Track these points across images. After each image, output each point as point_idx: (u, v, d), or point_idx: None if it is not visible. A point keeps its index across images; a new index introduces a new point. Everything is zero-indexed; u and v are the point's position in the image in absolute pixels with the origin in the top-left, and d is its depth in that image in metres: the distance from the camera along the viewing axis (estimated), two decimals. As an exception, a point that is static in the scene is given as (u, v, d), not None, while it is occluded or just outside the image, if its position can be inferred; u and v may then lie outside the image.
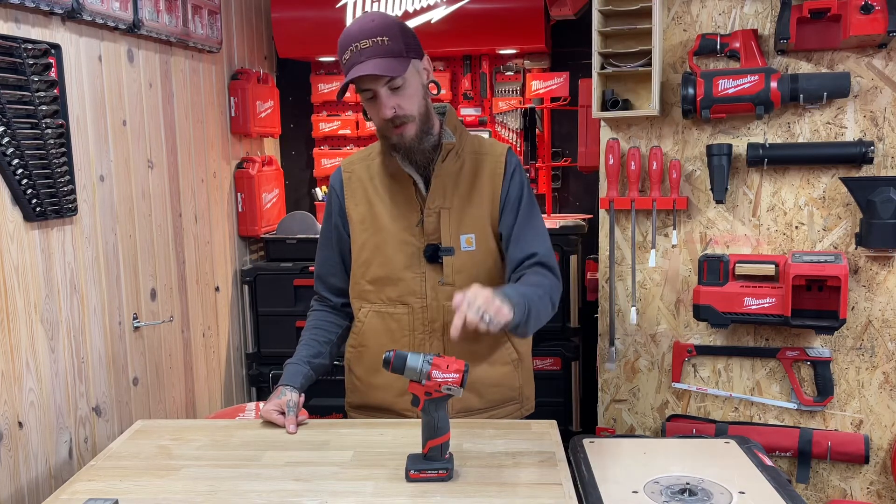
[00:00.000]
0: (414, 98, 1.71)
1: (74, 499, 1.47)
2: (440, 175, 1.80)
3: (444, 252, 1.80)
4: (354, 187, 1.87)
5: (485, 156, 1.85)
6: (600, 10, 2.47)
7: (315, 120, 3.85)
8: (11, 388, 1.92)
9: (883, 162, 2.40)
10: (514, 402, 1.93)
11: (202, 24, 2.95)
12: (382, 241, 1.83)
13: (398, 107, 1.69)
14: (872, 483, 2.52)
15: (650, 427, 2.70)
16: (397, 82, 1.68)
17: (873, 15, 2.21)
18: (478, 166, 1.83)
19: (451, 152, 1.81)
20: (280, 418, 1.77)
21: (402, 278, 1.82)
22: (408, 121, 1.72)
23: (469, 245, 1.81)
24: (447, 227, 1.80)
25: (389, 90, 1.68)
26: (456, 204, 1.81)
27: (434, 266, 1.81)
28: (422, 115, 1.74)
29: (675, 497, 1.57)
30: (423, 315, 1.82)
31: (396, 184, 1.83)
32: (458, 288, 1.78)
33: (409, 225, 1.81)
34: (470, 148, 1.85)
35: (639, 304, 2.64)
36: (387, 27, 1.67)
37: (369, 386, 1.90)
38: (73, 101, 2.18)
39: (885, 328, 2.45)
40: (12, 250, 1.93)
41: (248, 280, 3.37)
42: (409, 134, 1.73)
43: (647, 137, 2.58)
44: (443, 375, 1.47)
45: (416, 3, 3.45)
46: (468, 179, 1.82)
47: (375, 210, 1.84)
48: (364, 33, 1.66)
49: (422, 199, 1.81)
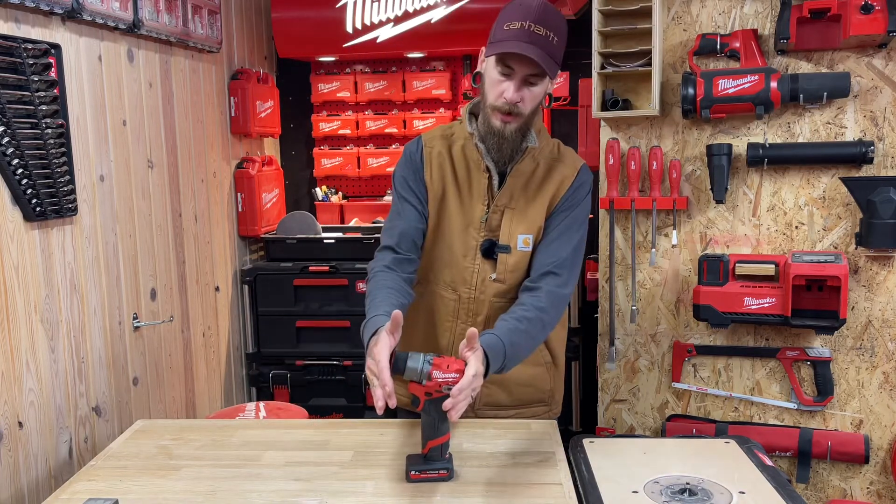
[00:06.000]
0: (536, 100, 1.72)
1: (74, 499, 1.47)
2: (515, 175, 1.80)
3: (501, 249, 1.80)
4: (434, 164, 1.84)
5: (560, 164, 1.84)
6: (600, 10, 2.47)
7: (315, 120, 3.85)
8: (11, 388, 1.92)
9: (883, 162, 2.40)
10: (543, 403, 1.94)
11: (202, 23, 2.95)
12: (447, 226, 1.82)
13: (522, 100, 1.69)
14: (872, 483, 2.52)
15: (650, 427, 2.70)
16: (536, 80, 1.68)
17: (873, 15, 2.21)
18: (550, 171, 1.83)
19: (530, 155, 1.80)
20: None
21: (458, 265, 1.81)
22: (519, 115, 1.71)
23: (526, 246, 1.80)
24: (508, 226, 1.80)
25: (527, 82, 1.68)
26: (521, 204, 1.81)
27: (488, 261, 1.81)
28: (529, 116, 1.74)
29: (675, 497, 1.57)
30: (469, 306, 1.82)
31: (472, 173, 1.82)
32: (508, 286, 1.79)
33: (475, 217, 1.81)
34: (548, 152, 1.85)
35: (639, 303, 2.64)
36: (561, 30, 1.68)
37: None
38: (73, 101, 2.18)
39: (885, 328, 2.45)
40: (12, 250, 1.93)
41: (248, 280, 3.37)
42: (512, 127, 1.72)
43: (647, 137, 2.58)
44: (443, 375, 1.47)
45: (416, 3, 3.45)
46: (538, 182, 1.82)
47: (448, 192, 1.82)
48: (543, 21, 1.64)
49: (492, 195, 1.80)
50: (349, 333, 3.38)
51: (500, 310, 1.77)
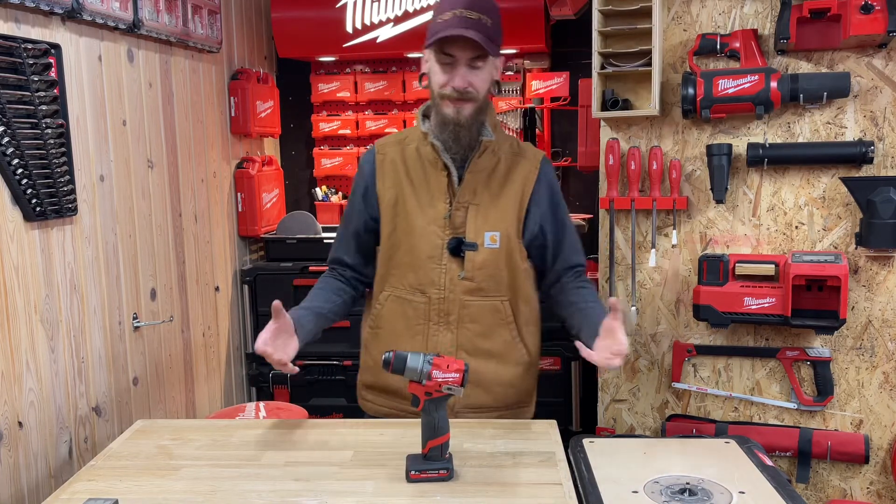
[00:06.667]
0: (485, 84, 1.75)
1: (74, 499, 1.47)
2: (474, 171, 1.81)
3: (468, 247, 1.81)
4: (386, 170, 1.86)
5: (522, 158, 1.87)
6: (600, 10, 2.47)
7: (315, 120, 3.85)
8: (11, 388, 1.92)
9: (883, 162, 2.40)
10: (525, 405, 1.95)
11: (202, 23, 2.95)
12: (409, 228, 1.82)
13: (471, 84, 1.72)
14: (872, 483, 2.52)
15: (650, 427, 2.70)
16: (480, 62, 1.71)
17: (873, 15, 2.21)
18: (512, 167, 1.85)
19: (488, 149, 1.81)
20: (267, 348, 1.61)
21: (424, 267, 1.82)
22: (471, 99, 1.73)
23: (493, 243, 1.82)
24: (473, 223, 1.81)
25: (470, 66, 1.71)
26: (485, 201, 1.82)
27: (456, 259, 1.81)
28: (482, 102, 1.76)
29: (675, 497, 1.57)
30: (440, 306, 1.82)
31: (430, 173, 1.83)
32: (477, 284, 1.81)
33: (436, 216, 1.81)
34: (508, 147, 1.87)
35: (639, 304, 2.64)
36: (493, 12, 1.72)
37: (380, 369, 1.89)
38: (73, 101, 2.18)
39: (885, 328, 2.45)
40: (12, 250, 1.93)
41: (248, 280, 3.37)
42: (466, 112, 1.74)
43: (647, 137, 2.58)
44: (443, 375, 1.47)
45: (416, 3, 3.45)
46: (501, 178, 1.83)
47: (405, 196, 1.83)
48: (472, 6, 1.68)
49: (453, 192, 1.81)
50: (349, 333, 3.35)
51: (472, 309, 1.79)
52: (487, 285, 1.82)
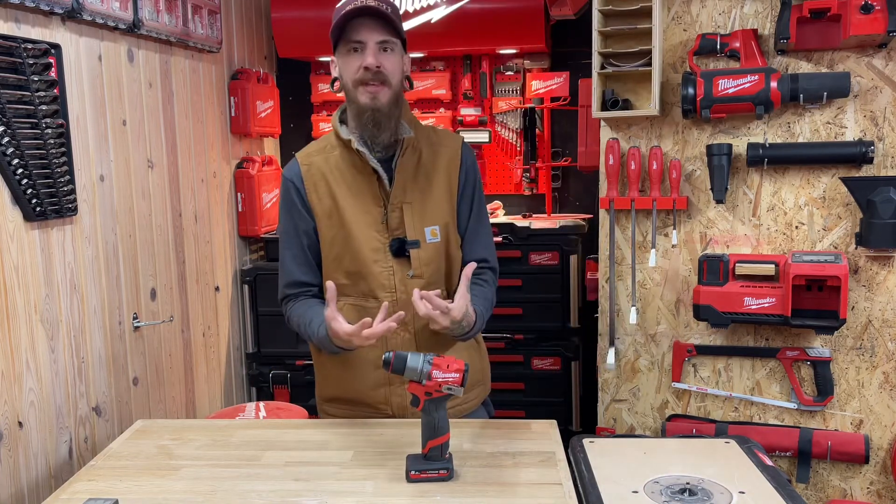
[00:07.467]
0: (396, 68, 1.75)
1: (74, 499, 1.47)
2: (401, 170, 1.80)
3: (411, 245, 1.80)
4: (316, 180, 1.84)
5: (441, 147, 1.87)
6: (600, 10, 2.47)
7: (315, 120, 3.85)
8: (11, 387, 1.92)
9: (883, 162, 2.40)
10: (480, 384, 1.96)
11: (202, 23, 2.95)
12: (349, 236, 1.81)
13: (382, 64, 1.71)
14: (872, 483, 2.52)
15: (650, 427, 2.70)
16: (389, 45, 1.72)
17: (873, 15, 2.21)
18: (434, 157, 1.85)
19: (409, 146, 1.82)
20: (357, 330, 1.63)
21: (372, 272, 1.81)
22: (385, 82, 1.73)
23: (434, 237, 1.82)
24: (411, 221, 1.81)
25: (380, 48, 1.72)
26: (417, 197, 1.82)
27: (401, 259, 1.81)
28: (396, 90, 1.77)
29: (675, 497, 1.57)
30: (395, 308, 1.81)
31: (359, 178, 1.81)
32: (427, 280, 1.82)
33: (373, 220, 1.81)
34: (426, 139, 1.87)
35: (639, 303, 2.64)
36: (393, 5, 1.74)
37: (341, 379, 1.88)
38: (73, 100, 2.18)
39: (885, 328, 2.45)
40: (12, 250, 1.93)
41: (248, 280, 3.37)
42: (383, 99, 1.73)
43: (647, 137, 2.58)
44: (443, 375, 1.47)
45: (416, 3, 3.45)
46: (426, 171, 1.84)
47: (340, 204, 1.82)
48: None
49: (385, 195, 1.80)
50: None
51: None
52: (435, 279, 1.83)
